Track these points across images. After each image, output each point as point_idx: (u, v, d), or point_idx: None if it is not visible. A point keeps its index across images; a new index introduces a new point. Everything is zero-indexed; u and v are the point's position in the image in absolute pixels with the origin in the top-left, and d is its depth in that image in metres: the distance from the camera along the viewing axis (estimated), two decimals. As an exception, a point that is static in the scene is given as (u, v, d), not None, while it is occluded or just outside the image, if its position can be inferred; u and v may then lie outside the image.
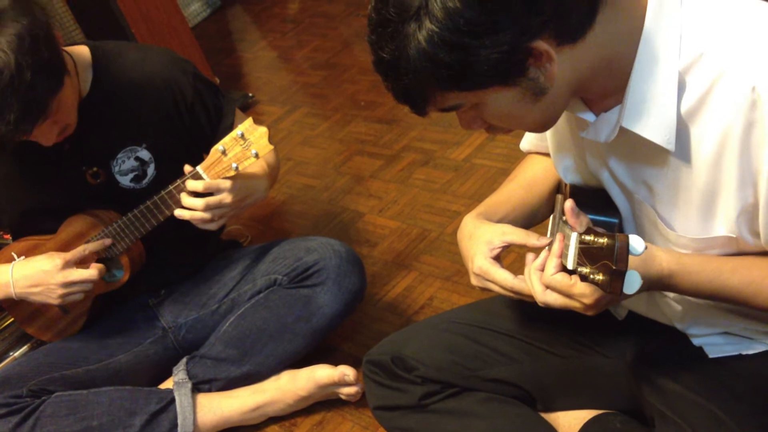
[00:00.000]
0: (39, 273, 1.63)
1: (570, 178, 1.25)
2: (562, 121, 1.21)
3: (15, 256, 1.70)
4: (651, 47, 0.98)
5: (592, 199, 1.17)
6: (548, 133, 1.28)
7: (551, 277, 1.04)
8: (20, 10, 1.37)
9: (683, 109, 0.99)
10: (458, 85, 0.96)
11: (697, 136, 0.99)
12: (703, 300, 1.13)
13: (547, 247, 1.12)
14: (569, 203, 1.01)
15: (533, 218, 1.37)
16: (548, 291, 1.06)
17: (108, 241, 1.69)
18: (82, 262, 1.66)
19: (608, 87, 1.03)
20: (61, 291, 1.63)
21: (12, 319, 2.23)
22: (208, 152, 1.58)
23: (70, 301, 1.68)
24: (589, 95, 1.06)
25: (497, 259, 1.22)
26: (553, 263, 1.04)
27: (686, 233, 1.08)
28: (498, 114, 1.02)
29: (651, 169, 1.06)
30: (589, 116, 1.08)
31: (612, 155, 1.11)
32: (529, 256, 1.13)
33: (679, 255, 1.06)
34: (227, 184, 1.57)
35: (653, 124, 1.00)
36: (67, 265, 1.63)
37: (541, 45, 0.92)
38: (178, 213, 1.59)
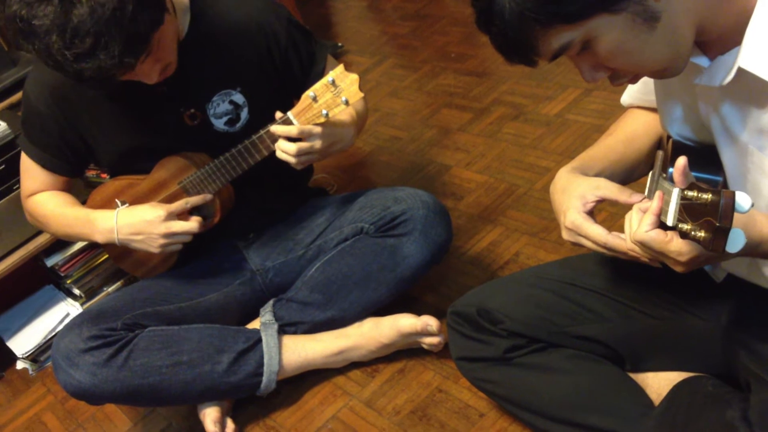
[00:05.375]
0: (142, 222, 1.68)
1: (676, 129, 1.20)
2: None
3: (119, 203, 1.76)
4: None
5: (696, 156, 1.12)
6: (656, 82, 1.23)
7: (645, 233, 0.99)
8: None
9: None
10: (558, 16, 0.91)
11: None
12: None
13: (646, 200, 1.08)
14: (682, 160, 0.97)
15: (631, 175, 1.34)
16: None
17: (209, 197, 1.73)
18: (181, 214, 1.71)
19: (728, 25, 0.98)
20: (162, 241, 1.69)
21: (106, 256, 2.32)
22: (298, 97, 1.59)
23: (169, 251, 1.73)
24: (707, 36, 1.01)
25: (590, 214, 1.19)
26: (649, 220, 0.99)
27: None
28: (613, 49, 0.96)
29: (767, 114, 1.01)
30: (703, 61, 1.04)
31: (726, 102, 1.06)
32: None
33: None
34: (318, 130, 1.58)
35: None
36: (170, 216, 1.68)
37: None
38: (279, 152, 1.61)
